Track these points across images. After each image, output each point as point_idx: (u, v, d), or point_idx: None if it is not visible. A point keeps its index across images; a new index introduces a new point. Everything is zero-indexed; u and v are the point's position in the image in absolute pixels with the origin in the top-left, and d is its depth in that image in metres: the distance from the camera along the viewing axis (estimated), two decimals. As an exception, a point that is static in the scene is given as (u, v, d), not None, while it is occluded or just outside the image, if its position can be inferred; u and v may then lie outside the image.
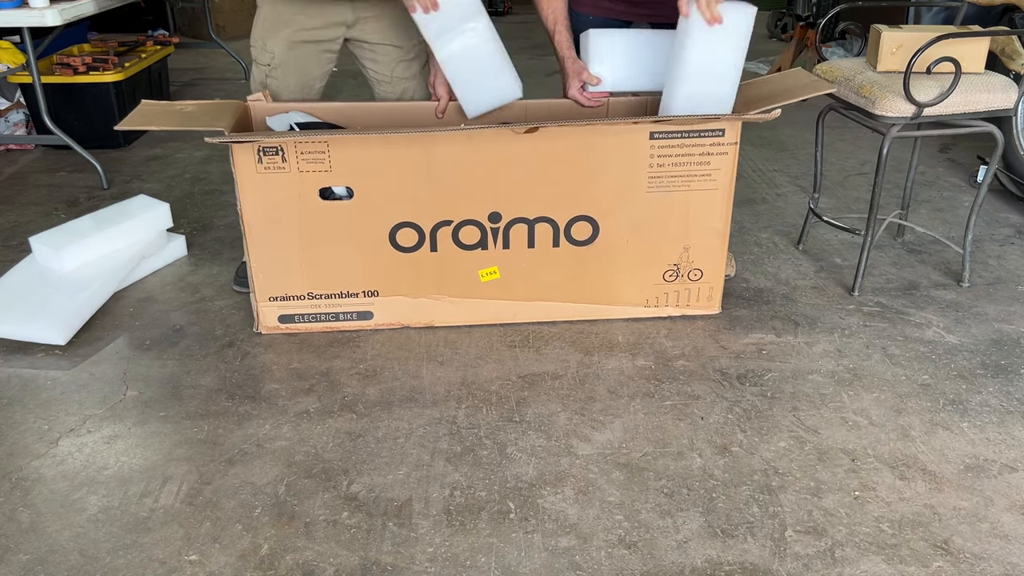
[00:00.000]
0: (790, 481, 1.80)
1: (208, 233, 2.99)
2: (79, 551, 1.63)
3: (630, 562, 1.60)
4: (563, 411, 2.03)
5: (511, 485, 1.80)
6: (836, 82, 2.46)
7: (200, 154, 3.79)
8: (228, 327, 2.39)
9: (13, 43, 3.82)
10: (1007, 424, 1.98)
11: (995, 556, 1.62)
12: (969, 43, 2.33)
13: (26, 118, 3.93)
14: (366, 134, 2.13)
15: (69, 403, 2.07)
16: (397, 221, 2.23)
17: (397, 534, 1.67)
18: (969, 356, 2.25)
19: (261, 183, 2.16)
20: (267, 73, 2.43)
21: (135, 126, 2.14)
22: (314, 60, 2.44)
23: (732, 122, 2.19)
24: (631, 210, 2.27)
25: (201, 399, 2.08)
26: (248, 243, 2.23)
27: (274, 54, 2.40)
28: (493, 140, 2.16)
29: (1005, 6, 3.12)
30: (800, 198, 3.29)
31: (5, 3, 3.06)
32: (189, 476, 1.82)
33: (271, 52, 2.41)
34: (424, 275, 2.30)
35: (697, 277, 2.37)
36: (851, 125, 3.39)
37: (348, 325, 2.35)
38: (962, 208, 3.18)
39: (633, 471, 1.84)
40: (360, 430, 1.97)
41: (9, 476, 1.83)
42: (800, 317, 2.44)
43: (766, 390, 2.11)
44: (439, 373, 2.18)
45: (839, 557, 1.61)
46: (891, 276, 2.67)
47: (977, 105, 2.32)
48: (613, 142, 2.19)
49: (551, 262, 2.31)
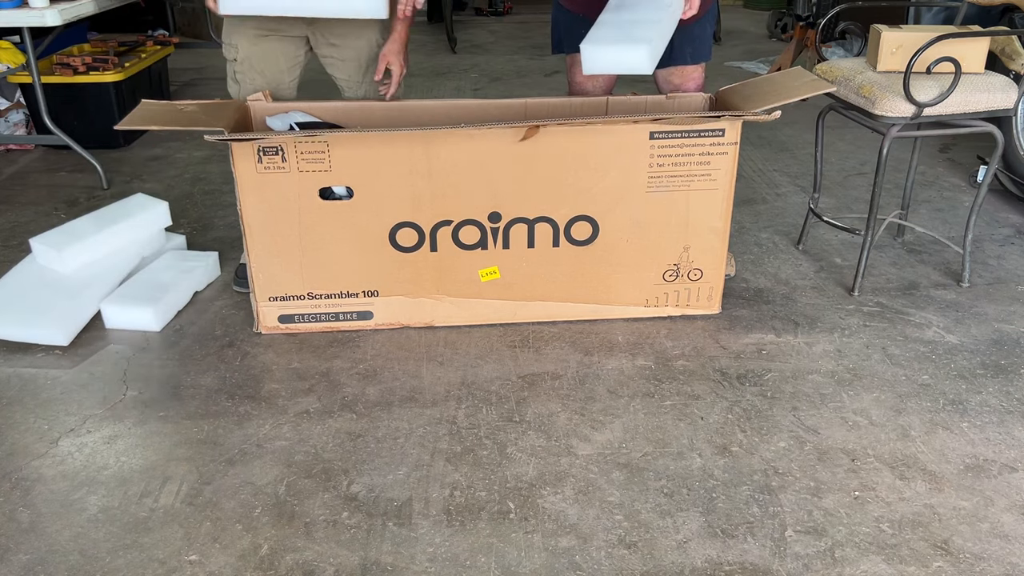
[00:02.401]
0: (790, 481, 1.80)
1: (208, 233, 2.99)
2: (79, 551, 1.63)
3: (630, 562, 1.60)
4: (563, 411, 2.03)
5: (511, 485, 1.80)
6: (836, 82, 2.46)
7: (200, 154, 3.79)
8: (228, 327, 2.39)
9: (13, 43, 3.81)
10: (1007, 424, 1.98)
11: (995, 556, 1.62)
12: (969, 43, 2.33)
13: (26, 118, 3.93)
14: (366, 133, 2.13)
15: (69, 403, 2.07)
16: (397, 221, 2.23)
17: (397, 534, 1.67)
18: (969, 356, 2.25)
19: (261, 183, 2.16)
20: (235, 69, 2.45)
21: (135, 126, 2.14)
22: (279, 54, 2.43)
23: (732, 122, 2.19)
24: (631, 210, 2.27)
25: (201, 399, 2.08)
26: (248, 243, 2.23)
27: (238, 48, 2.42)
28: (493, 139, 2.16)
29: (1005, 6, 3.11)
30: (800, 198, 3.29)
31: (5, 3, 3.06)
32: (189, 476, 1.82)
33: (235, 46, 2.42)
34: (424, 275, 2.30)
35: (697, 277, 2.37)
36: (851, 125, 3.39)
37: (348, 325, 2.35)
38: (962, 208, 3.18)
39: (633, 471, 1.84)
40: (360, 430, 1.97)
41: (9, 476, 1.83)
42: (800, 317, 2.44)
43: (766, 390, 2.11)
44: (439, 373, 2.18)
45: (839, 557, 1.61)
46: (891, 276, 2.67)
47: (977, 105, 2.32)
48: (613, 142, 2.19)
49: (551, 262, 2.31)
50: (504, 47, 6.36)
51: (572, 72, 2.54)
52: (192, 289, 2.55)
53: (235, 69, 2.45)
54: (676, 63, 2.46)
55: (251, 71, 2.43)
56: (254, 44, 2.40)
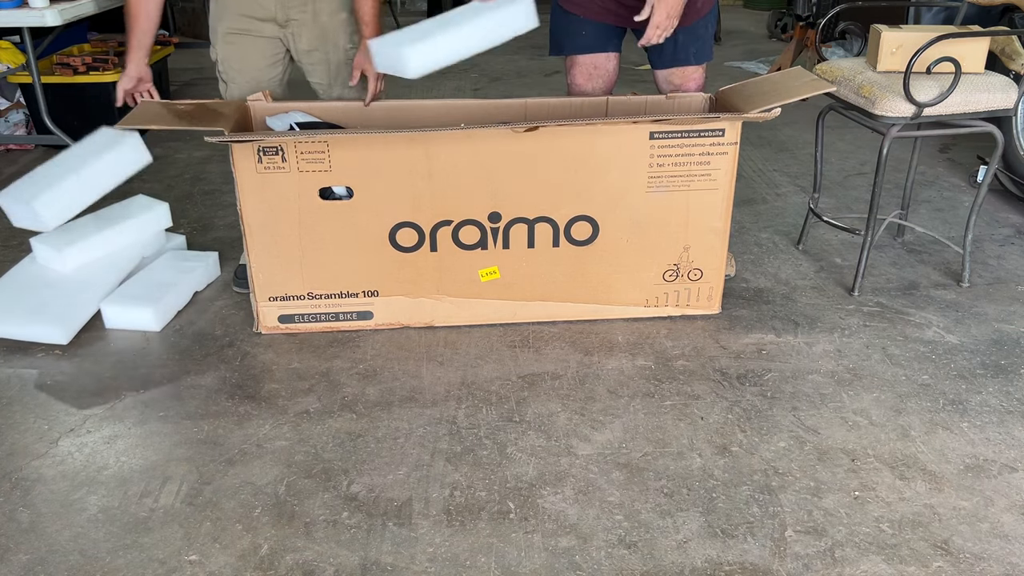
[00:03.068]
0: (790, 481, 1.80)
1: (208, 233, 2.99)
2: (79, 551, 1.63)
3: (630, 562, 1.61)
4: (563, 411, 2.03)
5: (511, 485, 1.80)
6: (836, 82, 2.46)
7: (200, 154, 3.79)
8: (228, 327, 2.39)
9: (13, 43, 3.82)
10: (1007, 424, 1.98)
11: (995, 556, 1.62)
12: (969, 43, 2.33)
13: (26, 118, 3.93)
14: (366, 134, 2.13)
15: (69, 403, 2.07)
16: (397, 221, 2.23)
17: (397, 534, 1.67)
18: (969, 356, 2.25)
19: (261, 183, 2.16)
20: (219, 68, 2.48)
21: (135, 126, 2.14)
22: (254, 53, 2.44)
23: (732, 122, 2.19)
24: (631, 210, 2.27)
25: (201, 399, 2.08)
26: (248, 243, 2.23)
27: (217, 50, 2.45)
28: (493, 140, 2.16)
29: (1005, 6, 3.12)
30: (800, 198, 3.29)
31: (5, 3, 3.06)
32: (189, 476, 1.82)
33: (215, 48, 2.45)
34: (424, 275, 2.30)
35: (697, 277, 2.37)
36: (851, 125, 3.40)
37: (348, 325, 2.35)
38: (962, 208, 3.18)
39: (633, 471, 1.84)
40: (360, 430, 1.97)
41: (9, 476, 1.83)
42: (800, 317, 2.44)
43: (766, 390, 2.11)
44: (439, 373, 2.18)
45: (839, 557, 1.61)
46: (891, 276, 2.67)
47: (977, 105, 2.32)
48: (613, 142, 2.19)
49: (551, 262, 2.31)
50: (504, 47, 6.34)
51: (572, 74, 2.54)
52: (192, 289, 2.55)
53: (219, 69, 2.48)
54: (679, 63, 2.45)
55: (231, 70, 2.45)
56: (228, 44, 2.43)
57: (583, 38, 2.46)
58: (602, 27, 2.44)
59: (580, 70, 2.51)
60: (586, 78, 2.51)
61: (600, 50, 2.47)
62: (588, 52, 2.47)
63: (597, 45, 2.46)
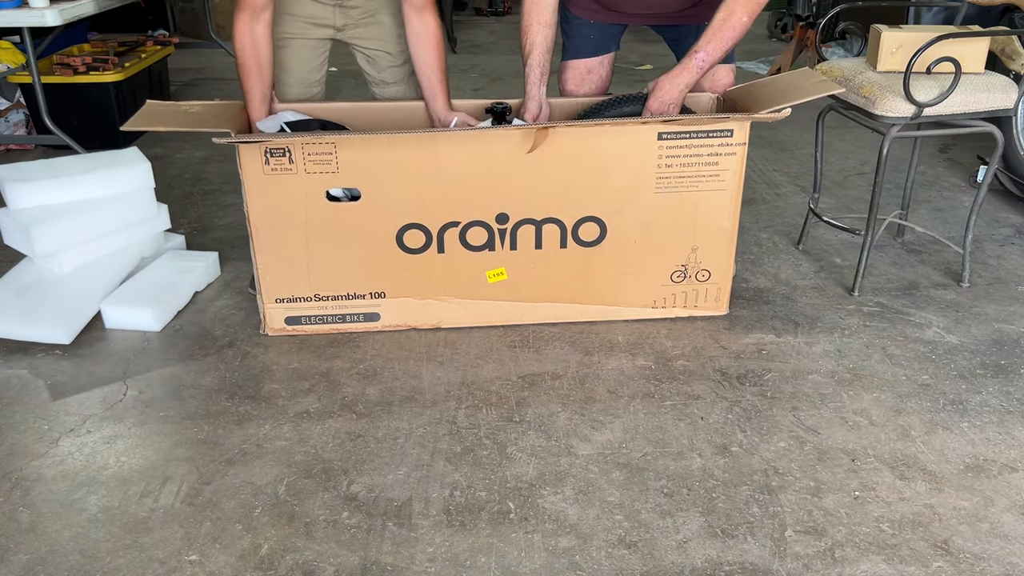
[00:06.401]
0: (790, 481, 1.80)
1: (208, 233, 2.99)
2: (79, 551, 1.63)
3: (630, 562, 1.61)
4: (563, 411, 2.03)
5: (511, 485, 1.80)
6: (836, 82, 2.46)
7: (200, 154, 3.79)
8: (228, 327, 2.39)
9: (13, 43, 3.82)
10: (1007, 424, 1.98)
11: (995, 556, 1.62)
12: (969, 43, 2.33)
13: (26, 118, 3.93)
14: (373, 135, 2.13)
15: (69, 403, 2.07)
16: (404, 222, 2.23)
17: (397, 534, 1.67)
18: (969, 356, 2.25)
19: (268, 184, 2.16)
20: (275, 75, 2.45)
21: (141, 127, 2.12)
22: (310, 55, 2.44)
23: (740, 122, 2.18)
24: (639, 211, 2.26)
25: (201, 399, 2.08)
26: (255, 245, 2.23)
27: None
28: (500, 141, 2.16)
29: (1005, 6, 3.11)
30: (800, 198, 3.29)
31: (5, 3, 3.06)
32: (189, 476, 1.82)
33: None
34: (431, 276, 2.30)
35: (705, 278, 2.37)
36: (851, 125, 3.40)
37: (355, 327, 2.35)
38: (962, 208, 3.18)
39: (633, 471, 1.84)
40: (360, 430, 1.97)
41: (9, 476, 1.83)
42: (800, 317, 2.44)
43: (766, 390, 2.11)
44: (439, 373, 2.18)
45: (839, 557, 1.61)
46: (891, 276, 2.67)
47: (977, 105, 2.32)
48: (621, 143, 2.18)
49: (558, 263, 2.31)
50: (504, 47, 6.37)
51: (563, 79, 2.52)
52: (192, 289, 2.55)
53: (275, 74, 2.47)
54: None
55: (284, 73, 2.44)
56: (284, 48, 2.40)
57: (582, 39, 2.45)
58: (601, 27, 2.43)
59: (572, 74, 2.50)
60: (577, 83, 2.50)
61: (594, 54, 2.46)
62: (582, 56, 2.46)
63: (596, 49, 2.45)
